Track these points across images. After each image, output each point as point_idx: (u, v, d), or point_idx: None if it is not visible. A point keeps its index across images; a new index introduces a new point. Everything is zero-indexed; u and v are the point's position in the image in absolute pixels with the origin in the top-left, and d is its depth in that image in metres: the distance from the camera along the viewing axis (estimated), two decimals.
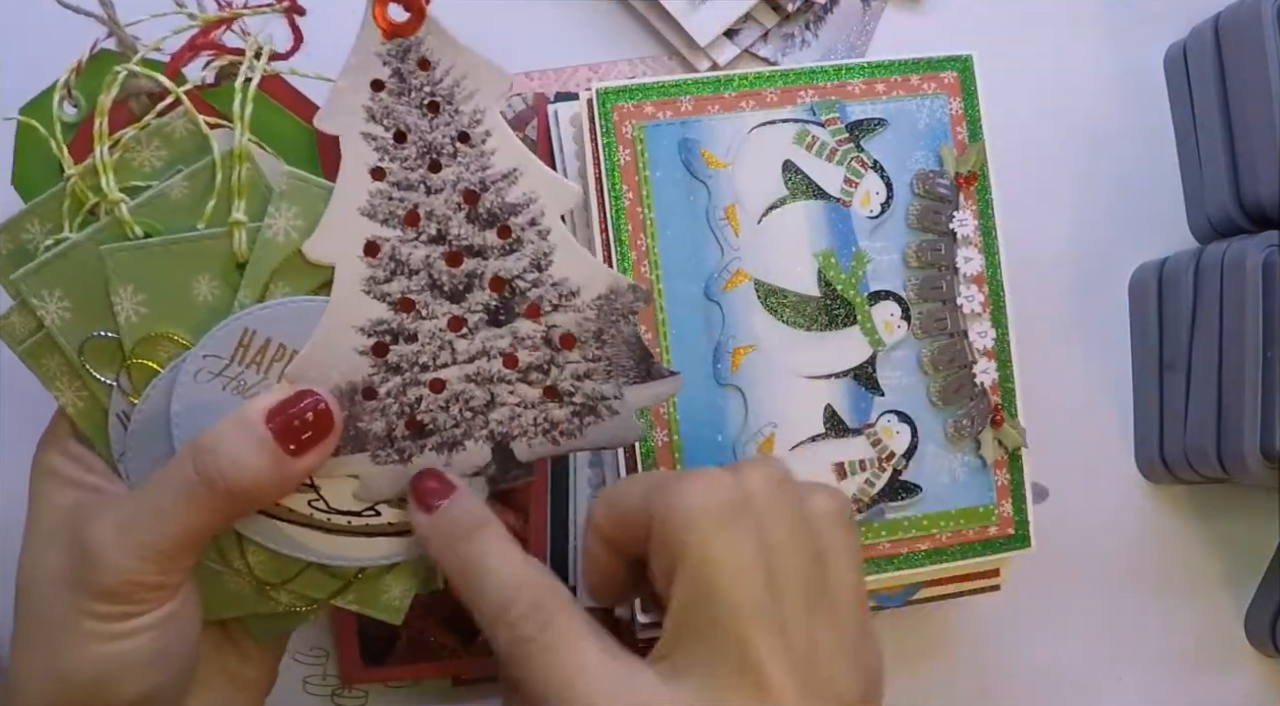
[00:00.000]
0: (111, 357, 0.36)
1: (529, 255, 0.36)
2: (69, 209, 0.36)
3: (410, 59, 0.35)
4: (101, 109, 0.36)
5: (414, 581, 0.39)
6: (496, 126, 0.35)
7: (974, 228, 0.46)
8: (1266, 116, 0.47)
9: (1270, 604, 0.52)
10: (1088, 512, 0.53)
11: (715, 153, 0.45)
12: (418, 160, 0.35)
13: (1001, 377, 0.46)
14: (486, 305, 0.36)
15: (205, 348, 0.35)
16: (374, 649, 0.48)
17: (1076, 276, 0.53)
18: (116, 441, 0.36)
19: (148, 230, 0.36)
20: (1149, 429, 0.52)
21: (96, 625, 0.34)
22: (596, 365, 0.36)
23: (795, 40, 0.51)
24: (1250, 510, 0.53)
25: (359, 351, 0.35)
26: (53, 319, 0.36)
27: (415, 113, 0.35)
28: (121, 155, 0.36)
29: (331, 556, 0.37)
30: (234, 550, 0.37)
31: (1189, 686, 0.53)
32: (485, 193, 0.36)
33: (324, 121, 0.35)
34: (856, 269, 0.45)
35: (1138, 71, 0.54)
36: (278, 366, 0.36)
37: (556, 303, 0.36)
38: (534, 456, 0.37)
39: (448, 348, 0.36)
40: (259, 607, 0.38)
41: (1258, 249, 0.46)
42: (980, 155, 0.46)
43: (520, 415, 0.36)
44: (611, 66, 0.51)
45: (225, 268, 0.36)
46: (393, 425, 0.36)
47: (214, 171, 0.35)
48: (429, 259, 0.36)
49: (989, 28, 0.53)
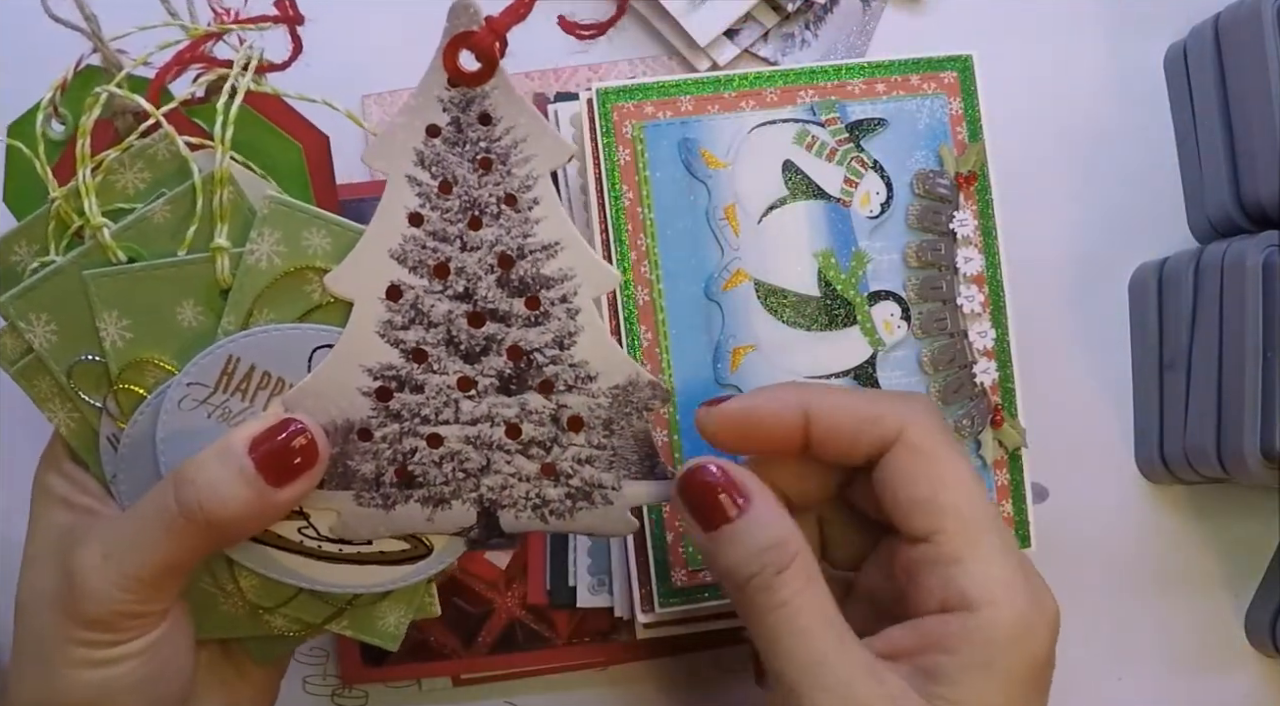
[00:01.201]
0: (99, 380, 0.36)
1: (553, 331, 0.35)
2: (54, 231, 0.36)
3: (472, 110, 0.34)
4: (84, 130, 0.35)
5: (409, 608, 0.38)
6: (546, 196, 0.35)
7: (974, 228, 0.46)
8: (1266, 116, 0.47)
9: (1270, 604, 0.52)
10: (1088, 512, 0.53)
11: (715, 153, 0.45)
12: (459, 214, 0.35)
13: (1001, 378, 0.46)
14: (500, 372, 0.35)
15: (189, 375, 0.35)
16: (374, 649, 0.48)
17: (1076, 276, 0.53)
18: (108, 463, 0.36)
19: (131, 255, 0.35)
20: (1149, 429, 0.52)
21: (84, 651, 0.34)
22: (600, 453, 0.36)
23: (795, 40, 0.51)
24: (1250, 510, 0.53)
25: (362, 391, 0.35)
26: (40, 342, 0.36)
27: (466, 166, 0.34)
28: (104, 177, 0.36)
29: (322, 583, 0.37)
30: (225, 573, 0.37)
31: (1189, 686, 0.53)
32: (521, 260, 0.35)
33: (372, 157, 0.35)
34: (856, 269, 0.45)
35: (1138, 71, 0.54)
36: (263, 394, 0.35)
37: (572, 383, 0.35)
38: (519, 529, 0.36)
39: (453, 405, 0.35)
40: (253, 630, 0.38)
41: (1258, 249, 0.46)
42: (980, 155, 0.46)
43: (513, 486, 0.36)
44: (611, 66, 0.51)
45: (209, 293, 0.35)
46: (382, 470, 0.35)
47: (195, 195, 0.35)
48: (451, 314, 0.35)
49: (989, 28, 0.53)
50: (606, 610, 0.47)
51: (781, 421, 0.36)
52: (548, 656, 0.48)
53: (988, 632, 0.33)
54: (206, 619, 0.37)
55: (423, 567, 0.37)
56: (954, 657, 0.33)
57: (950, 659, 0.33)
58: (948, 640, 0.33)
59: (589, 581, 0.47)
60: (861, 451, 0.36)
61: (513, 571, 0.48)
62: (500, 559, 0.48)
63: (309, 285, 0.35)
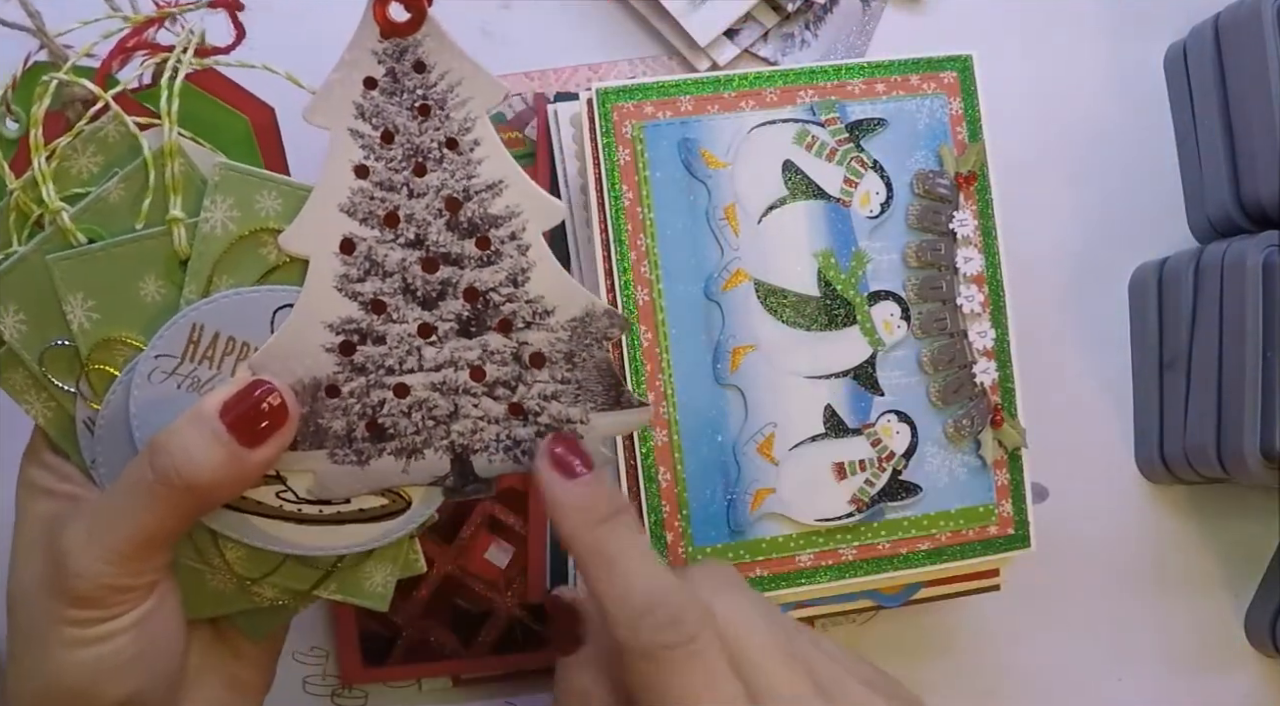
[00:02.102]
0: (72, 364, 0.36)
1: (506, 269, 0.35)
2: (15, 222, 0.36)
3: (406, 60, 0.35)
4: (35, 120, 0.36)
5: (394, 566, 0.38)
6: (486, 136, 0.35)
7: (974, 228, 0.46)
8: (1266, 116, 0.47)
9: (1270, 604, 0.52)
10: (1088, 512, 0.53)
11: (715, 153, 0.45)
12: (403, 162, 0.35)
13: (1001, 378, 0.46)
14: (458, 315, 0.35)
15: (156, 348, 0.36)
16: (374, 649, 0.48)
17: (1076, 276, 0.53)
18: (86, 448, 0.36)
19: (91, 236, 0.36)
20: (1149, 429, 0.52)
21: (74, 631, 0.34)
22: (565, 387, 0.36)
23: (795, 40, 0.51)
24: (1250, 510, 0.53)
25: (326, 348, 0.35)
26: (11, 333, 0.36)
27: (405, 114, 0.35)
28: (59, 164, 0.36)
29: (305, 547, 0.37)
30: (211, 548, 0.37)
31: (1189, 686, 0.53)
32: (468, 202, 0.35)
33: (313, 114, 0.35)
34: (856, 269, 0.45)
35: (1138, 71, 0.54)
36: (230, 360, 0.36)
37: (530, 320, 0.36)
38: (494, 473, 0.36)
39: (415, 353, 0.35)
40: (243, 604, 0.38)
41: (1258, 249, 0.46)
42: (980, 155, 0.46)
43: (483, 429, 0.36)
44: (611, 66, 0.51)
45: (169, 266, 0.36)
46: (353, 425, 0.36)
47: (147, 170, 0.35)
48: (405, 262, 0.35)
49: (989, 28, 0.53)
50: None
51: None
52: (548, 656, 0.48)
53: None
54: (195, 597, 0.37)
55: (403, 522, 0.37)
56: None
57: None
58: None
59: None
60: None
61: (513, 571, 0.48)
62: (500, 559, 0.48)
63: (264, 248, 0.36)
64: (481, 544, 0.48)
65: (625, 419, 0.36)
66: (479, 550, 0.48)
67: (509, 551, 0.48)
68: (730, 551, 0.44)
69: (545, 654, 0.48)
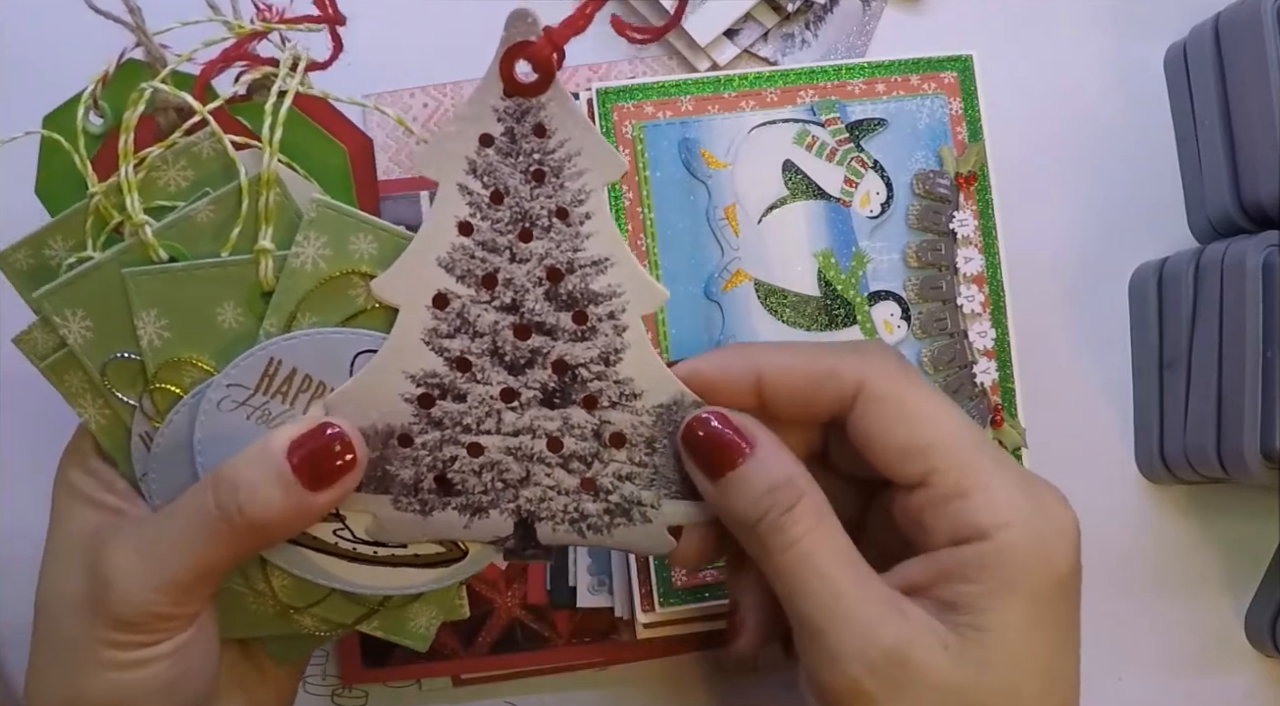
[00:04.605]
0: (134, 378, 0.35)
1: (599, 347, 0.35)
2: (92, 226, 0.35)
3: (527, 121, 0.34)
4: (127, 126, 0.35)
5: (440, 610, 0.38)
6: (599, 211, 0.34)
7: (974, 228, 0.46)
8: (1266, 116, 0.47)
9: (1270, 604, 0.52)
10: (1088, 512, 0.52)
11: (715, 153, 0.45)
12: (509, 225, 0.34)
13: (1001, 378, 0.46)
14: (544, 385, 0.35)
15: (229, 377, 0.35)
16: (374, 649, 0.48)
17: (1076, 276, 0.53)
18: (139, 461, 0.36)
19: (173, 254, 0.35)
20: (1149, 429, 0.52)
21: (112, 653, 0.33)
22: (641, 470, 0.35)
23: (795, 40, 0.51)
24: (1250, 510, 0.53)
25: (404, 397, 0.35)
26: (75, 338, 0.35)
27: (519, 177, 0.34)
28: (147, 174, 0.35)
29: (356, 585, 0.37)
30: (258, 573, 0.37)
31: (1189, 686, 0.53)
32: (570, 274, 0.34)
33: (423, 165, 0.34)
34: (856, 269, 0.45)
35: (1138, 71, 0.53)
36: (303, 397, 0.35)
37: (616, 400, 0.35)
38: (555, 542, 0.36)
39: (495, 416, 0.35)
40: (280, 629, 0.38)
41: (1258, 249, 0.46)
42: (980, 155, 0.46)
43: (552, 499, 0.35)
44: (611, 66, 0.51)
45: (250, 295, 0.35)
46: (421, 476, 0.35)
47: (240, 196, 0.35)
48: (497, 325, 0.35)
49: (989, 28, 0.53)
50: (606, 610, 0.47)
51: (731, 385, 0.35)
52: (548, 656, 0.48)
53: (1005, 556, 0.32)
54: (233, 618, 0.37)
55: (457, 571, 0.37)
56: (975, 586, 0.32)
57: (972, 587, 0.32)
58: (966, 570, 0.32)
59: (589, 581, 0.47)
60: (823, 409, 0.35)
61: (513, 571, 0.48)
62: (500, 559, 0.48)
63: (353, 290, 0.35)
64: None
65: (694, 511, 0.35)
66: None
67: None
68: None
69: (548, 652, 0.48)
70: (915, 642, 0.31)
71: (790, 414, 0.35)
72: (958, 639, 0.32)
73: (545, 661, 0.48)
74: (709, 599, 0.44)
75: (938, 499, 0.33)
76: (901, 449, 0.33)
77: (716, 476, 0.34)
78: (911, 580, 0.33)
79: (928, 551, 0.33)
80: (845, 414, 0.34)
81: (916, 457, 0.33)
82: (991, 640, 0.32)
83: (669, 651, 0.49)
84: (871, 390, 0.34)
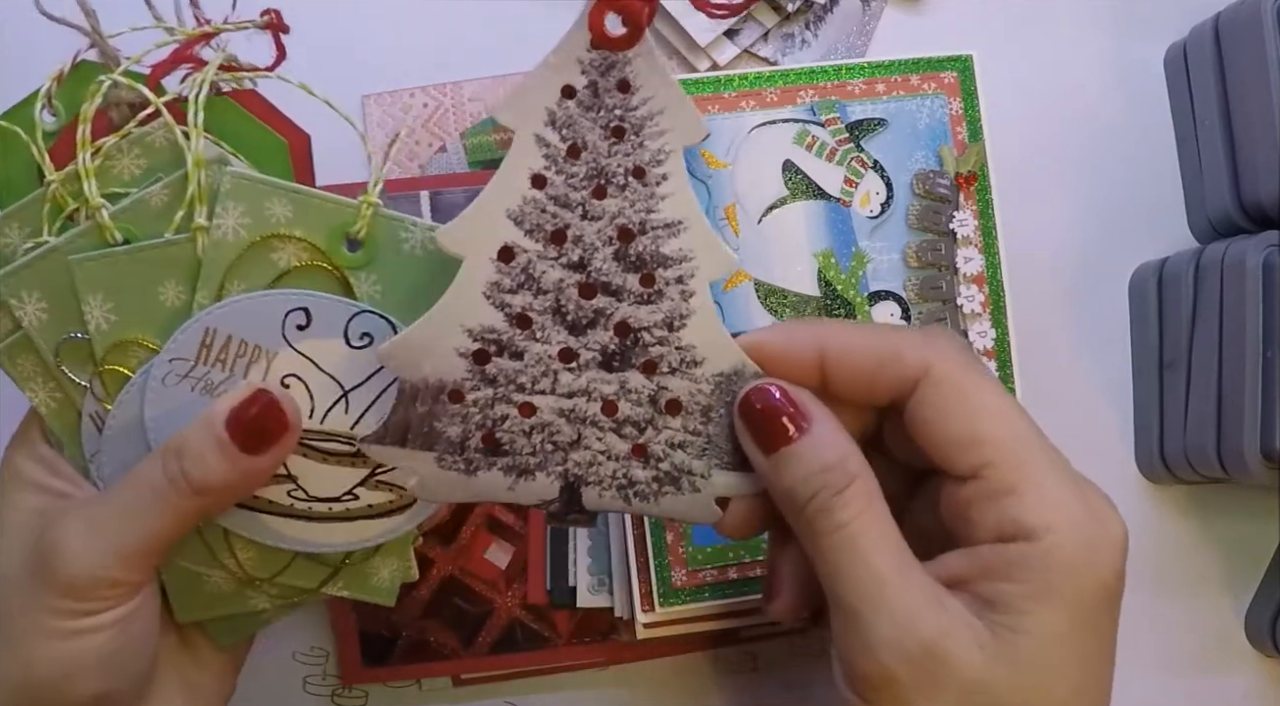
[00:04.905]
0: (87, 359, 0.37)
1: (664, 311, 0.34)
2: (49, 213, 0.37)
3: (612, 76, 0.33)
4: (85, 117, 0.36)
5: (402, 562, 0.39)
6: (676, 172, 0.34)
7: (974, 228, 0.46)
8: (1266, 116, 0.47)
9: (1270, 604, 0.52)
10: None
11: (715, 153, 0.45)
12: (584, 181, 0.34)
13: (1001, 378, 0.46)
14: (604, 347, 0.34)
15: (170, 351, 0.36)
16: (374, 649, 0.48)
17: (1076, 276, 0.53)
18: (89, 442, 0.37)
19: (127, 236, 0.36)
20: (1149, 429, 0.52)
21: (55, 622, 0.34)
22: (695, 439, 0.35)
23: (795, 40, 0.51)
24: (1250, 510, 0.53)
25: (459, 352, 0.34)
26: (30, 320, 0.36)
27: (598, 132, 0.33)
28: (102, 162, 0.37)
29: (316, 544, 0.37)
30: (223, 548, 0.37)
31: (1189, 686, 0.53)
32: (642, 235, 0.34)
33: (502, 110, 0.33)
34: (856, 269, 0.45)
35: (1138, 71, 0.53)
36: (241, 363, 0.36)
37: (676, 366, 0.34)
38: (601, 508, 0.35)
39: (550, 376, 0.34)
40: (237, 607, 0.38)
41: (1258, 249, 0.46)
42: (980, 155, 0.46)
43: (601, 464, 0.35)
44: None
45: (191, 272, 0.36)
46: (469, 435, 0.34)
47: (188, 180, 0.36)
48: (562, 283, 0.34)
49: (989, 28, 0.53)
50: (606, 610, 0.47)
51: (794, 359, 0.34)
52: (548, 656, 0.48)
53: (1050, 559, 0.32)
54: (188, 600, 0.38)
55: (408, 517, 0.37)
56: (1017, 586, 0.32)
57: (1013, 587, 0.32)
58: (1009, 569, 0.32)
59: (589, 581, 0.47)
60: (884, 391, 0.34)
61: (513, 571, 0.48)
62: (500, 558, 0.48)
63: (274, 253, 0.36)
64: (481, 543, 0.48)
65: (744, 482, 0.35)
66: (479, 550, 0.48)
67: (509, 551, 0.48)
68: (730, 551, 0.44)
69: (548, 652, 0.48)
70: (952, 637, 0.31)
71: (851, 394, 0.35)
72: (993, 638, 0.31)
73: (545, 661, 0.48)
74: (709, 599, 0.44)
75: (988, 493, 0.33)
76: (958, 439, 0.33)
77: (770, 450, 0.33)
78: (953, 572, 0.33)
79: (971, 545, 0.33)
80: (905, 399, 0.34)
81: (972, 450, 0.33)
82: (1027, 642, 0.31)
83: (669, 651, 0.49)
84: (934, 376, 0.33)
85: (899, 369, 0.34)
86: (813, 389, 0.34)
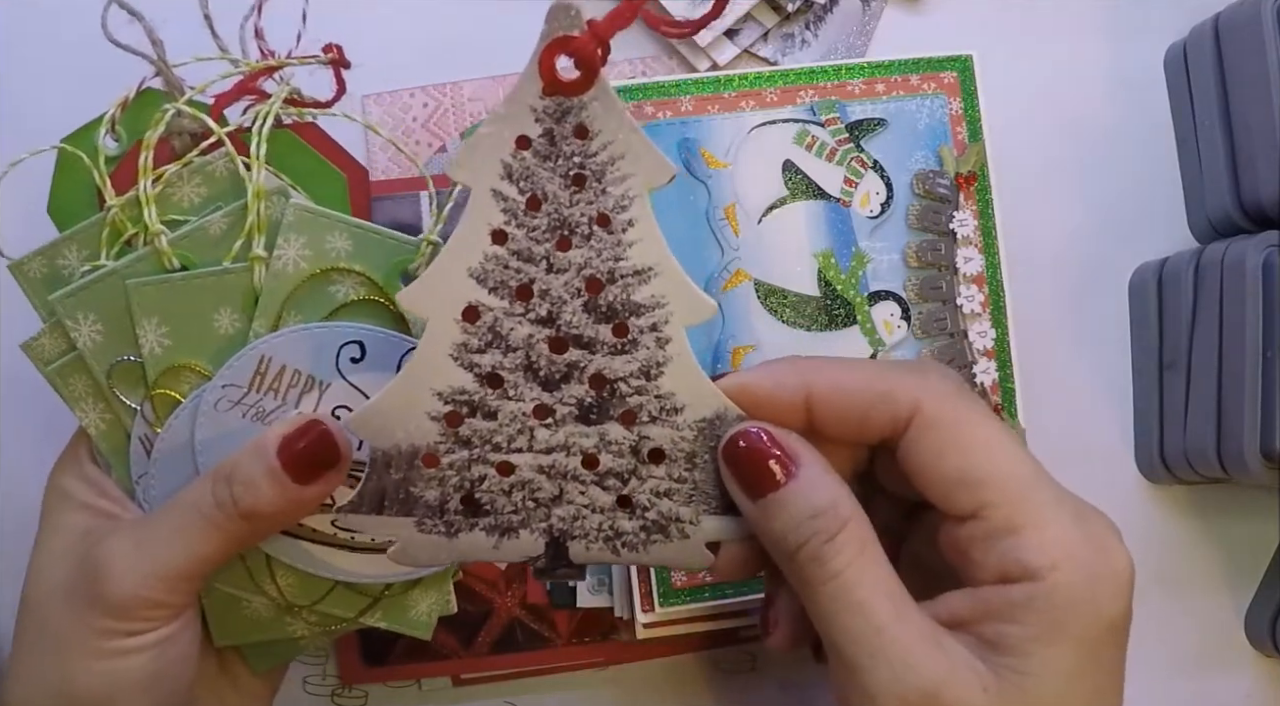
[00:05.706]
0: (138, 382, 0.37)
1: (640, 360, 0.33)
2: (107, 237, 0.37)
3: (568, 122, 0.32)
4: (148, 144, 0.37)
5: (441, 596, 0.39)
6: (643, 218, 0.32)
7: (974, 228, 0.46)
8: (1266, 116, 0.47)
9: (1270, 604, 0.52)
10: None
11: (715, 153, 0.45)
12: (547, 233, 0.32)
13: (1001, 378, 0.46)
14: (580, 401, 0.33)
15: (224, 377, 0.36)
16: (374, 649, 0.48)
17: (1076, 276, 0.53)
18: (137, 464, 0.37)
19: (184, 262, 0.37)
20: (1149, 429, 0.52)
21: (98, 641, 0.34)
22: (680, 486, 0.34)
23: (795, 40, 0.51)
24: (1250, 510, 0.53)
25: (431, 416, 0.33)
26: (85, 341, 0.37)
27: (558, 181, 0.32)
28: (163, 189, 0.37)
29: (357, 574, 0.38)
30: (265, 575, 0.38)
31: (1189, 686, 0.53)
32: (611, 285, 0.33)
33: (456, 168, 0.32)
34: (856, 269, 0.45)
35: (1138, 71, 0.53)
36: (294, 392, 0.37)
37: (656, 415, 0.33)
38: (589, 561, 0.34)
39: (527, 433, 0.33)
40: (275, 633, 0.39)
41: (1258, 249, 0.46)
42: (980, 155, 0.46)
43: (585, 517, 0.34)
44: (611, 66, 0.51)
45: (246, 301, 0.37)
46: (448, 497, 0.34)
47: (248, 211, 0.37)
48: (531, 339, 0.33)
49: (989, 28, 0.53)
50: (606, 610, 0.47)
51: (780, 402, 0.33)
52: (548, 656, 0.48)
53: (1055, 598, 0.31)
54: (228, 623, 0.38)
55: None
56: (1021, 628, 0.31)
57: (1016, 628, 0.31)
58: (1013, 611, 0.31)
59: (589, 581, 0.47)
60: (875, 431, 0.33)
61: (513, 571, 0.48)
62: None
63: (333, 285, 0.37)
64: None
65: (733, 527, 0.34)
66: None
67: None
68: None
69: (548, 652, 0.48)
70: (954, 682, 0.31)
71: (841, 434, 0.34)
72: (997, 681, 0.31)
73: (545, 661, 0.48)
74: (709, 599, 0.44)
75: (988, 533, 0.32)
76: (954, 479, 0.32)
77: (757, 496, 0.32)
78: (955, 613, 0.32)
79: (973, 584, 0.32)
80: (897, 438, 0.33)
81: (969, 490, 0.32)
82: (1032, 685, 0.31)
83: (669, 651, 0.49)
84: (927, 415, 0.32)
85: (890, 409, 0.33)
86: (799, 430, 0.33)
